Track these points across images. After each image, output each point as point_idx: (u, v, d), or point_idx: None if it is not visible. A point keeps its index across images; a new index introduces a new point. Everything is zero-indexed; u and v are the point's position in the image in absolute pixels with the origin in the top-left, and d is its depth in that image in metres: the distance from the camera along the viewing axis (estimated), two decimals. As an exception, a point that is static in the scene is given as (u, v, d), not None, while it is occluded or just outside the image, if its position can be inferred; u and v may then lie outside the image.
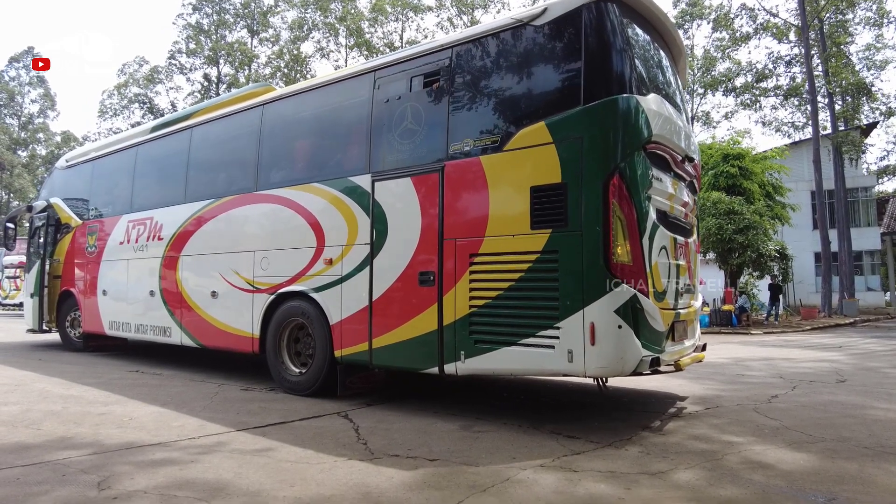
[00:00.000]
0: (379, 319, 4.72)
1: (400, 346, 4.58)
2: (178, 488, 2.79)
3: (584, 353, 3.72)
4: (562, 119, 3.99)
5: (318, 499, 2.67)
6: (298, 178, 5.68)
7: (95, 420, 4.21)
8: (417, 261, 4.53)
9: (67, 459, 3.24)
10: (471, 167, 4.35)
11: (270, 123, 6.06)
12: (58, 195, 9.38)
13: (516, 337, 4.00)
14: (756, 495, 2.76)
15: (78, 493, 2.71)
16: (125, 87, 37.70)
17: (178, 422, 4.19)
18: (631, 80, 4.00)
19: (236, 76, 35.41)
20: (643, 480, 2.97)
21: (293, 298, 5.43)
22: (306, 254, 5.31)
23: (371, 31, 32.80)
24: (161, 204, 7.26)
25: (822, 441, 3.79)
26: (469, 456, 3.38)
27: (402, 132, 4.81)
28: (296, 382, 5.33)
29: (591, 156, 3.85)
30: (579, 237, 3.81)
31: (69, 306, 8.81)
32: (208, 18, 36.37)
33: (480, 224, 4.25)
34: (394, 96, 4.94)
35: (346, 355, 4.93)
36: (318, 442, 3.67)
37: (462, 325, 4.24)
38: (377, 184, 4.89)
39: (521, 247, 4.04)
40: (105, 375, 6.36)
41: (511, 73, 4.35)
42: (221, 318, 6.14)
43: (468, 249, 4.27)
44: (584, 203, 3.82)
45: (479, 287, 4.20)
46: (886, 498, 2.76)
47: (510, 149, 4.18)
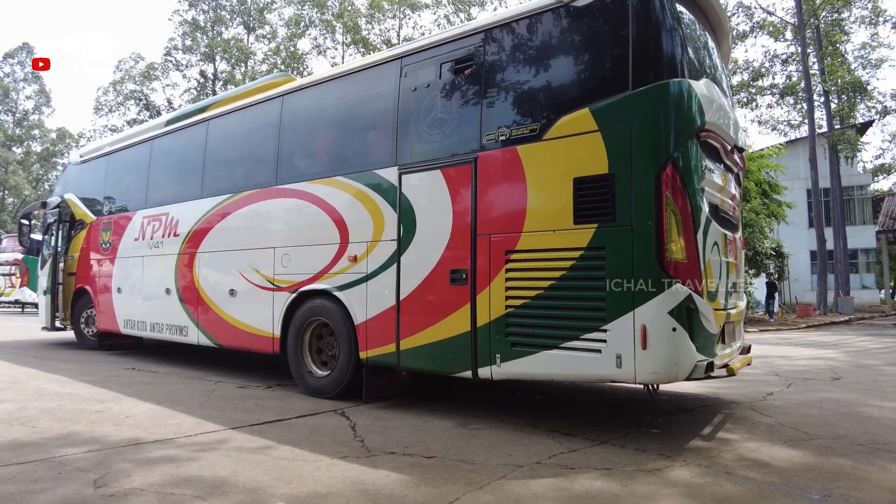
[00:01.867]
0: (407, 319, 4.52)
1: (430, 348, 4.37)
2: (175, 486, 2.79)
3: (635, 358, 3.47)
4: (608, 105, 3.73)
5: (314, 496, 2.68)
6: (320, 171, 5.47)
7: (92, 418, 4.20)
8: (448, 258, 4.31)
9: (64, 457, 3.23)
10: (507, 158, 4.11)
11: (291, 115, 5.86)
12: (72, 191, 9.23)
13: (558, 340, 3.76)
14: (752, 492, 2.78)
15: (75, 491, 2.70)
16: (121, 84, 37.52)
17: (175, 419, 4.19)
18: (682, 63, 3.73)
19: (232, 73, 35.28)
20: (639, 477, 2.98)
21: (316, 297, 5.24)
22: (329, 251, 5.12)
23: (368, 28, 32.72)
24: (177, 199, 7.08)
25: (818, 438, 3.81)
26: (466, 453, 3.39)
27: (430, 122, 4.58)
28: (319, 385, 5.13)
29: (642, 144, 3.58)
30: (629, 232, 3.55)
31: (84, 304, 8.69)
32: (204, 15, 36.20)
33: (517, 219, 4.00)
34: (422, 84, 4.70)
35: (372, 357, 4.73)
36: (314, 439, 3.67)
37: (497, 326, 4.01)
38: (404, 177, 4.66)
39: (564, 243, 3.78)
40: (101, 373, 6.35)
41: (550, 56, 4.10)
42: (240, 316, 5.96)
43: (504, 246, 4.03)
44: (634, 196, 3.55)
45: (516, 286, 3.97)
46: (881, 495, 2.78)
47: (550, 137, 3.92)
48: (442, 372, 4.40)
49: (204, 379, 6.04)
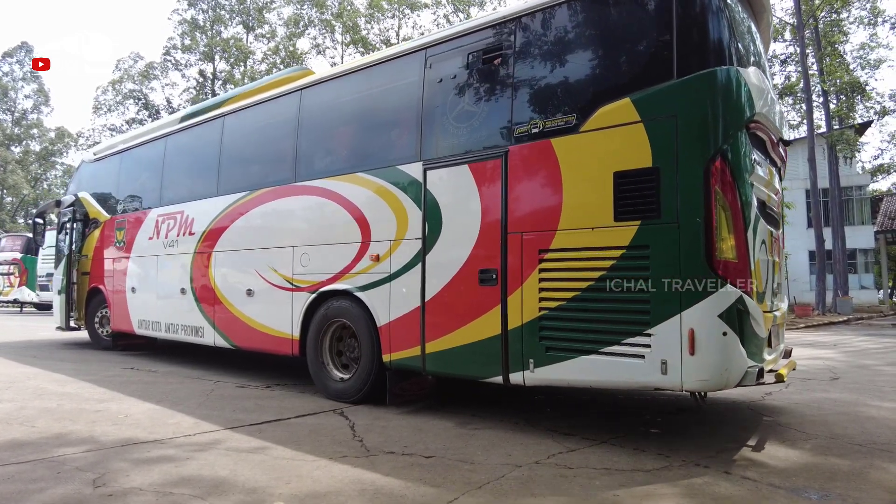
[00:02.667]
0: (433, 321, 4.33)
1: (457, 352, 4.17)
2: (175, 485, 2.79)
3: (682, 365, 3.25)
4: (651, 95, 3.51)
5: (313, 495, 2.68)
6: (341, 167, 5.29)
7: (91, 417, 4.20)
8: (477, 257, 4.11)
9: (63, 457, 3.23)
10: (540, 151, 3.89)
11: (309, 109, 5.67)
12: (85, 189, 9.15)
13: (597, 345, 3.53)
14: (750, 492, 2.78)
15: (74, 491, 2.70)
16: (120, 84, 37.49)
17: (174, 419, 4.19)
18: (730, 50, 3.52)
19: (232, 73, 35.26)
20: (638, 477, 2.99)
21: (336, 297, 5.07)
22: (350, 249, 4.95)
23: (367, 27, 32.71)
24: (192, 197, 6.95)
25: (816, 438, 3.81)
26: (465, 453, 3.39)
27: (457, 115, 4.39)
28: (340, 388, 4.95)
29: (689, 136, 3.37)
30: (675, 230, 3.34)
31: (98, 304, 8.60)
32: (204, 14, 36.17)
33: (552, 216, 3.78)
34: (448, 75, 4.49)
35: (396, 360, 4.55)
36: (313, 439, 3.67)
37: (530, 329, 3.80)
38: (430, 172, 4.46)
39: (603, 241, 3.57)
40: (100, 373, 6.34)
41: (587, 43, 3.89)
42: (258, 317, 5.81)
43: (537, 244, 3.82)
44: (680, 191, 3.34)
45: (550, 287, 3.76)
46: (879, 494, 2.78)
47: (588, 129, 3.70)
48: (470, 377, 4.22)
49: (203, 379, 6.04)
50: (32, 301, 19.83)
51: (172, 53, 36.26)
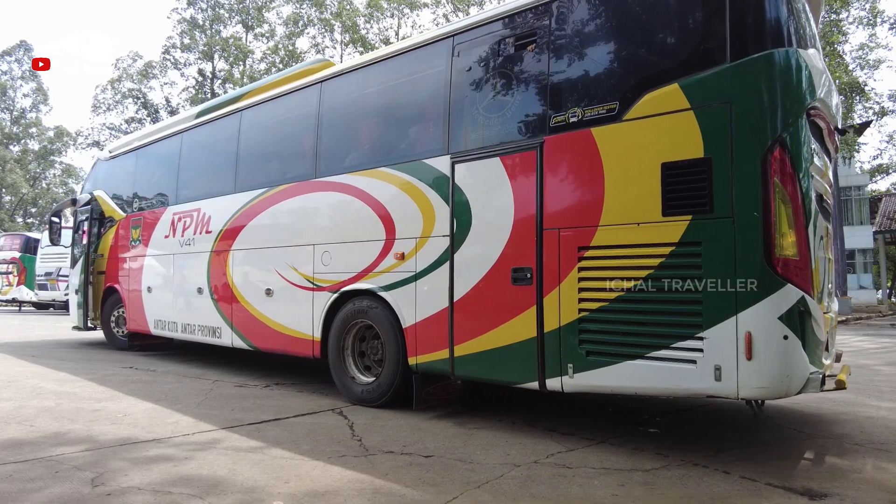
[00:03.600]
0: (462, 323, 4.13)
1: (489, 355, 3.97)
2: (173, 485, 2.79)
3: (737, 371, 3.02)
4: (702, 80, 3.27)
5: (312, 495, 2.68)
6: (363, 162, 5.10)
7: (89, 416, 4.20)
8: (510, 255, 3.90)
9: (61, 456, 3.23)
10: (579, 142, 3.65)
11: (330, 102, 5.48)
12: (101, 187, 9.05)
13: (643, 349, 3.31)
14: (748, 492, 2.78)
15: (72, 490, 2.70)
16: (119, 82, 37.46)
17: (173, 418, 4.18)
18: (789, 30, 3.26)
19: (231, 72, 35.23)
20: (636, 476, 2.99)
21: (359, 297, 4.89)
22: (374, 247, 4.76)
23: (367, 27, 32.69)
24: (209, 194, 6.79)
25: (814, 437, 3.82)
26: (464, 452, 3.39)
27: (488, 105, 4.18)
28: (363, 392, 4.76)
29: (745, 124, 3.13)
30: (730, 225, 3.10)
31: (113, 303, 8.51)
32: (203, 13, 36.15)
33: (592, 211, 3.55)
34: (478, 63, 4.29)
35: (423, 363, 4.36)
36: (312, 438, 3.67)
37: (569, 332, 3.57)
38: (458, 166, 4.26)
39: (650, 238, 3.33)
40: (99, 372, 6.34)
41: (630, 26, 3.65)
42: (278, 318, 5.65)
43: (576, 241, 3.59)
44: (735, 182, 3.10)
45: (591, 287, 3.53)
46: (878, 494, 2.79)
47: (632, 118, 3.46)
48: (503, 382, 4.00)
49: (202, 378, 6.04)
50: (31, 300, 19.82)
51: (171, 52, 36.23)
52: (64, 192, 46.57)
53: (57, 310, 19.84)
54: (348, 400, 4.87)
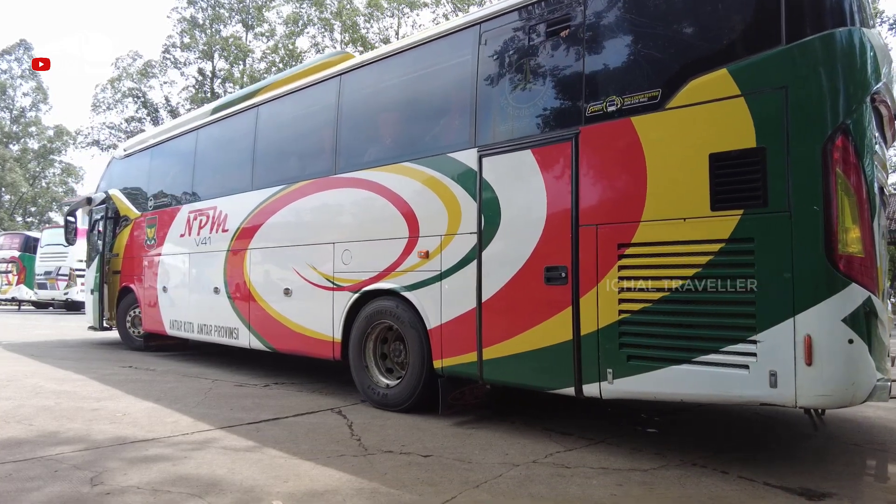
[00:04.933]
0: (491, 325, 3.94)
1: (520, 359, 3.76)
2: (172, 484, 2.79)
3: (796, 377, 2.79)
4: (754, 63, 3.04)
5: (311, 494, 2.68)
6: (385, 157, 4.93)
7: (88, 415, 4.20)
8: (542, 253, 3.70)
9: (60, 455, 3.23)
10: (618, 132, 3.44)
11: (350, 95, 5.31)
12: (116, 186, 8.94)
13: (690, 353, 3.09)
14: (745, 492, 2.79)
15: (70, 489, 2.70)
16: (118, 82, 37.45)
17: (172, 418, 4.19)
18: (851, 7, 3.00)
19: (231, 71, 35.24)
20: (635, 476, 2.99)
21: (381, 297, 4.73)
22: (396, 246, 4.59)
23: (367, 26, 32.70)
24: (225, 192, 6.64)
25: (812, 437, 3.82)
26: (462, 452, 3.40)
27: (518, 95, 3.99)
28: (386, 396, 4.59)
29: (803, 111, 2.90)
30: (787, 220, 2.88)
31: (129, 303, 8.40)
32: (203, 13, 36.15)
33: (633, 205, 3.33)
34: (506, 51, 4.09)
35: (449, 366, 4.18)
36: (312, 438, 3.68)
37: (609, 335, 3.36)
38: (486, 159, 4.07)
39: (697, 234, 3.11)
40: (98, 371, 6.34)
41: (673, 7, 3.41)
42: (296, 318, 5.48)
43: (616, 238, 3.38)
44: (793, 174, 2.88)
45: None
46: (876, 495, 2.80)
47: (676, 106, 3.24)
48: (535, 387, 3.81)
49: (201, 377, 6.04)
50: (30, 299, 19.82)
51: (171, 51, 36.22)
52: (63, 192, 46.57)
53: (56, 309, 19.84)
54: (370, 404, 4.72)
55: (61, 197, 45.49)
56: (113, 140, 35.01)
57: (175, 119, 8.85)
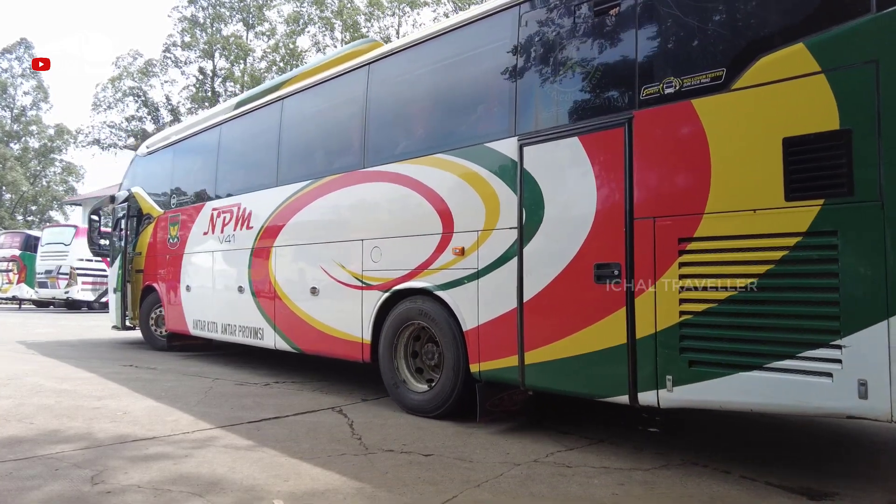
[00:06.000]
0: (534, 326, 3.67)
1: (567, 364, 3.49)
2: (172, 483, 2.79)
3: (892, 388, 2.49)
4: (837, 36, 2.73)
5: (311, 494, 2.68)
6: (417, 149, 4.69)
7: (89, 414, 4.20)
8: (592, 249, 3.41)
9: (60, 454, 3.23)
10: (677, 116, 3.16)
11: (379, 85, 5.08)
12: (139, 184, 8.84)
13: (762, 358, 2.79)
14: (747, 492, 2.79)
15: (71, 488, 2.70)
16: (119, 81, 37.46)
17: (172, 416, 4.18)
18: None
19: (231, 70, 35.24)
20: (636, 476, 2.99)
21: (412, 297, 4.51)
22: (429, 242, 4.36)
23: (367, 25, 32.70)
24: (250, 188, 6.49)
25: (815, 437, 3.82)
26: (463, 451, 3.39)
27: (563, 78, 3.71)
28: (419, 401, 4.38)
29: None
30: (877, 210, 2.57)
31: (152, 302, 8.29)
32: (203, 11, 36.14)
33: (696, 196, 3.03)
34: (549, 32, 3.81)
35: (487, 371, 3.94)
36: (312, 437, 3.67)
37: (668, 338, 3.07)
38: (527, 149, 3.80)
39: (770, 226, 2.80)
40: (99, 370, 6.34)
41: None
42: (324, 319, 5.28)
43: (676, 232, 3.08)
44: (885, 159, 2.58)
45: (695, 285, 3.01)
46: (878, 495, 2.79)
47: (743, 86, 2.94)
48: (584, 395, 3.56)
49: (202, 376, 6.04)
50: (31, 298, 19.82)
51: (172, 50, 36.22)
52: (64, 191, 46.57)
53: (57, 307, 19.85)
54: (402, 409, 4.50)
55: (62, 196, 45.48)
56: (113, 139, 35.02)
57: (198, 115, 8.74)
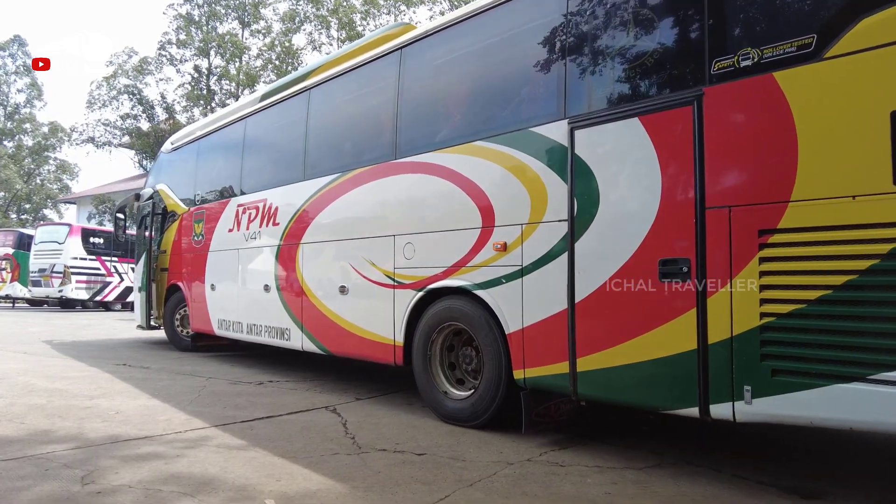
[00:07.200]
0: (588, 330, 3.31)
1: (626, 372, 3.12)
2: (164, 482, 2.77)
3: None
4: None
5: (304, 493, 2.66)
6: (453, 137, 4.37)
7: (80, 414, 4.17)
8: (656, 243, 3.05)
9: (51, 454, 3.21)
10: (756, 91, 2.78)
11: (413, 70, 4.79)
12: (164, 181, 8.69)
13: (863, 368, 2.41)
14: (741, 490, 2.79)
15: (61, 488, 2.68)
16: (114, 79, 37.28)
17: (165, 415, 4.16)
18: None
19: (227, 68, 35.12)
20: (629, 475, 2.99)
21: (448, 296, 4.21)
22: (467, 237, 4.04)
23: (363, 24, 32.64)
24: (276, 183, 6.25)
25: (807, 437, 3.83)
26: (457, 450, 3.39)
27: (620, 51, 3.34)
28: (455, 409, 4.07)
29: None
30: None
31: (176, 302, 8.13)
32: (199, 9, 36.00)
33: (780, 182, 2.66)
34: (603, 3, 3.47)
35: (533, 378, 3.58)
36: (305, 436, 3.66)
37: (747, 344, 2.70)
38: (579, 132, 3.44)
39: (873, 215, 2.43)
40: (91, 369, 6.31)
41: None
42: (353, 319, 5.02)
43: (756, 223, 2.72)
44: None
45: (780, 283, 2.64)
46: (868, 494, 2.80)
47: (839, 54, 2.54)
48: (646, 406, 3.20)
49: (195, 375, 6.01)
50: (24, 297, 19.72)
51: (167, 48, 36.06)
52: (58, 189, 46.32)
53: (51, 306, 19.75)
54: (437, 417, 4.22)
55: (56, 194, 45.24)
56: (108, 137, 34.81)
57: (223, 109, 8.57)
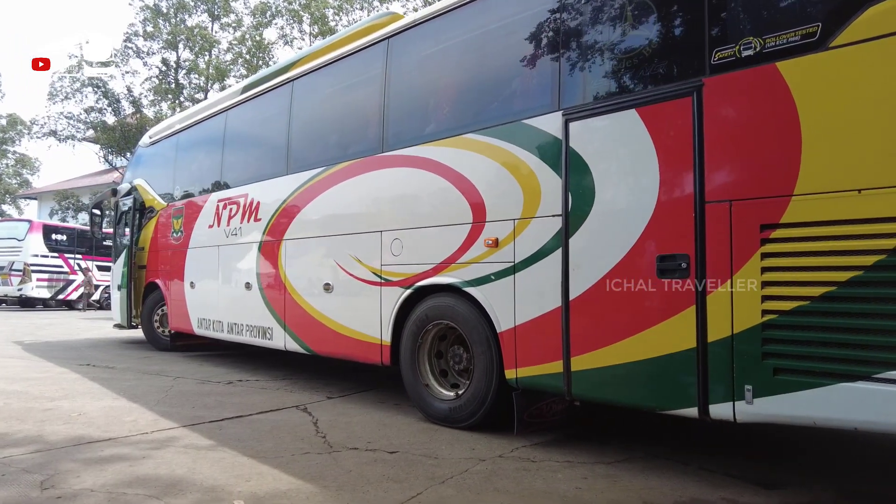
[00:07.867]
0: (582, 328, 3.22)
1: (622, 371, 3.04)
2: (129, 486, 2.70)
3: None
4: None
5: (275, 493, 2.63)
6: (443, 129, 4.26)
7: (40, 416, 4.04)
8: (654, 238, 2.97)
9: (9, 458, 3.09)
10: (758, 82, 2.71)
11: (400, 61, 4.68)
12: (142, 176, 8.45)
13: (868, 367, 2.34)
14: (707, 482, 2.85)
15: (18, 494, 2.59)
16: (78, 70, 36.10)
17: (131, 416, 4.06)
18: None
19: (196, 62, 34.37)
20: (599, 469, 3.03)
21: (438, 294, 4.10)
22: (457, 233, 3.93)
23: (336, 19, 32.32)
24: (258, 178, 6.09)
25: (775, 432, 3.93)
26: (429, 448, 3.38)
27: (617, 42, 3.26)
28: (445, 409, 3.96)
29: None
30: None
31: (155, 300, 7.91)
32: (167, 1, 35.14)
33: (782, 175, 2.59)
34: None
35: (526, 378, 3.50)
36: (275, 436, 3.61)
37: (748, 342, 2.63)
38: (574, 124, 3.34)
39: (880, 209, 2.35)
40: (53, 370, 6.11)
41: None
42: (338, 318, 4.88)
43: (757, 217, 2.64)
44: None
45: (782, 279, 2.57)
46: (829, 485, 2.89)
47: (844, 43, 2.48)
48: (643, 407, 3.10)
49: (162, 375, 5.88)
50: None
51: (133, 40, 35.09)
52: (18, 184, 44.74)
53: (10, 305, 19.07)
54: (426, 418, 4.11)
55: (15, 189, 43.67)
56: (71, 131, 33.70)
57: (203, 101, 8.33)
